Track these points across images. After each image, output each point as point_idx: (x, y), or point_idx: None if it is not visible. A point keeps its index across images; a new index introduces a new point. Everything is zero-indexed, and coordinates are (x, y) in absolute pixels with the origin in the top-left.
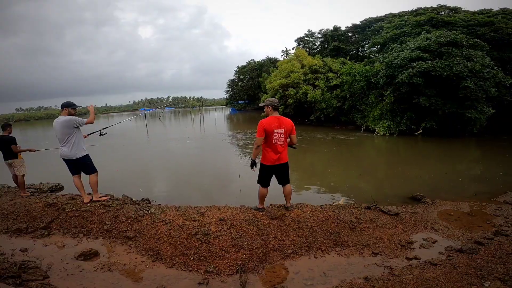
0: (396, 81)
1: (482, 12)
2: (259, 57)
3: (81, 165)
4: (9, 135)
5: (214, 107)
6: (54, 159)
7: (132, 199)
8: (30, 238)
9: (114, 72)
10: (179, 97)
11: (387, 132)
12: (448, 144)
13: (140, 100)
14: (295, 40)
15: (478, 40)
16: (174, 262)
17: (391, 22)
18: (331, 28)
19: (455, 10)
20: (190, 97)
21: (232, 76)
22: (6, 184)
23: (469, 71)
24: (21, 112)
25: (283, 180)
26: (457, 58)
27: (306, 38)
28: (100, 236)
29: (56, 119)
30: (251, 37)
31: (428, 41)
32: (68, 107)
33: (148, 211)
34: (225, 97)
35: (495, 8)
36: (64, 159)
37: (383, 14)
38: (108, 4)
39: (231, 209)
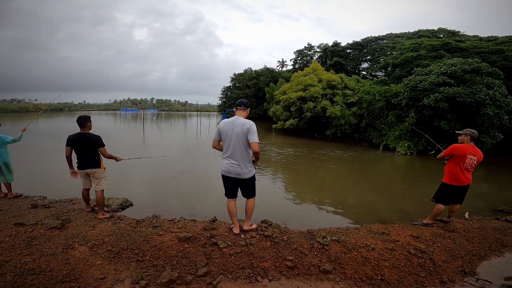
0: (421, 103)
1: (490, 39)
2: (246, 65)
3: (247, 186)
4: (92, 133)
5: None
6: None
7: (271, 223)
8: None
9: (98, 70)
10: (163, 99)
11: (408, 151)
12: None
13: (122, 99)
14: (294, 52)
15: (496, 69)
16: (405, 283)
17: (398, 43)
18: (330, 43)
19: (453, 33)
20: (175, 101)
21: (218, 83)
22: (51, 198)
23: (490, 99)
24: None
25: (460, 199)
26: (480, 85)
27: (305, 51)
28: (282, 276)
29: (230, 119)
30: (240, 46)
31: (453, 67)
32: (249, 107)
33: (326, 238)
34: (218, 103)
35: (501, 34)
36: (227, 177)
37: (383, 34)
38: (109, 5)
39: (408, 226)
